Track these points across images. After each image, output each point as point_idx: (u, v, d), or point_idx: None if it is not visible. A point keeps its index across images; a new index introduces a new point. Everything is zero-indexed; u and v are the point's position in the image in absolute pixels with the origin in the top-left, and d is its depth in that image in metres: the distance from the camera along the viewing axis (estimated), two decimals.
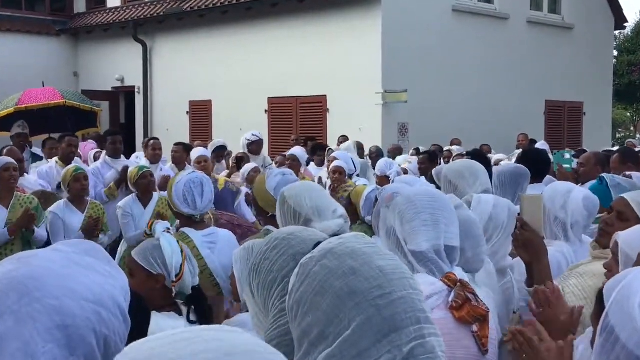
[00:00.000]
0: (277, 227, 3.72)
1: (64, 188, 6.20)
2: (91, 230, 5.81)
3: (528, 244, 2.95)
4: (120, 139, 7.83)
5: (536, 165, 5.12)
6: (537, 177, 5.03)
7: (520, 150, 12.18)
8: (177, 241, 2.86)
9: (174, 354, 0.85)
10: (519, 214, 3.14)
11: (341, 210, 3.26)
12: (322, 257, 1.42)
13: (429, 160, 8.47)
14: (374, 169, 8.51)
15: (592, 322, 1.53)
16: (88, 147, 10.15)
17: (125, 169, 7.10)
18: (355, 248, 1.42)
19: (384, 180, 7.40)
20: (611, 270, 2.37)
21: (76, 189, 6.02)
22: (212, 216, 4.27)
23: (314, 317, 1.37)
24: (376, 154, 10.12)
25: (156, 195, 6.23)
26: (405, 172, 8.05)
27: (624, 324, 1.31)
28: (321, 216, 3.11)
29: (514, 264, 3.38)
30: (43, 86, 12.48)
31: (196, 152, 7.87)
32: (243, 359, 0.85)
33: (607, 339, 1.34)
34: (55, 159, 7.96)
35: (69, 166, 6.30)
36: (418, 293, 1.40)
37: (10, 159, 5.86)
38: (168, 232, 2.89)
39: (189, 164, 9.20)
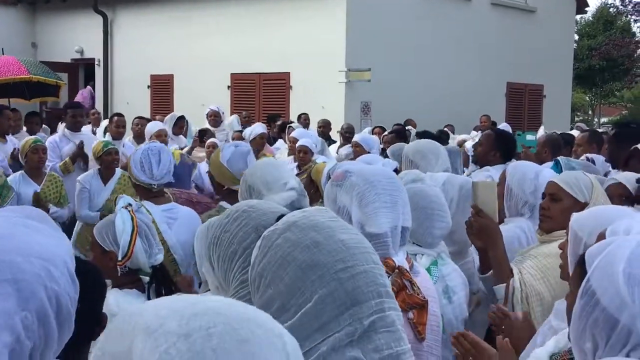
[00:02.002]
0: (231, 202, 3.69)
1: (21, 159, 6.08)
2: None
3: (483, 230, 3.00)
4: (82, 112, 7.70)
5: (506, 147, 5.15)
6: (504, 159, 5.05)
7: (479, 132, 12.29)
8: (132, 219, 2.79)
9: (183, 300, 0.92)
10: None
11: (293, 182, 3.26)
12: (285, 229, 1.42)
13: (398, 139, 8.32)
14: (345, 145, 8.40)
15: (571, 285, 1.59)
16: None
17: (81, 144, 6.99)
18: (319, 221, 1.43)
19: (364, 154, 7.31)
20: (563, 249, 2.43)
21: (34, 160, 5.92)
22: (170, 196, 4.22)
23: (276, 289, 1.38)
24: (348, 132, 10.07)
25: (119, 172, 6.09)
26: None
27: (606, 288, 1.36)
28: (270, 189, 3.13)
29: None
30: (3, 54, 12.14)
31: (154, 126, 7.72)
32: (244, 306, 0.93)
33: (588, 302, 1.38)
34: None
35: (29, 137, 6.18)
36: (379, 267, 1.42)
37: None
38: (128, 207, 2.83)
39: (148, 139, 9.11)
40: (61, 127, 8.03)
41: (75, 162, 6.97)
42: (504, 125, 11.97)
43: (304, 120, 12.21)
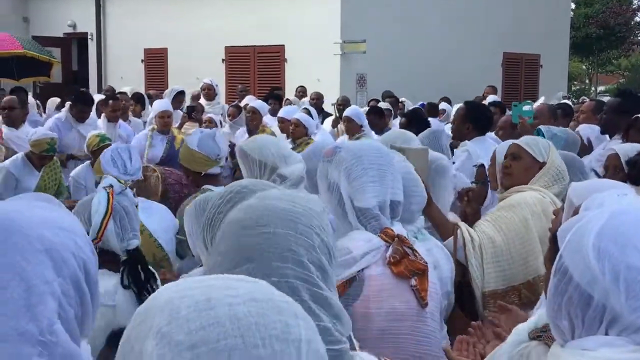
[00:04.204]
0: (214, 184, 3.87)
1: (29, 145, 5.89)
2: None
3: None
4: (90, 109, 7.47)
5: (478, 120, 5.24)
6: (479, 131, 5.17)
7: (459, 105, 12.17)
8: (109, 201, 2.75)
9: (203, 295, 0.92)
10: None
11: (299, 156, 3.40)
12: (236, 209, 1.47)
13: (372, 115, 8.19)
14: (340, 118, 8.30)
15: (545, 265, 1.59)
16: None
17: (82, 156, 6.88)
18: (269, 193, 1.48)
19: (356, 128, 7.27)
20: (556, 215, 2.51)
21: (37, 158, 5.80)
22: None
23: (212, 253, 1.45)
24: (343, 104, 9.98)
25: None
26: None
27: (577, 264, 1.35)
28: (287, 163, 3.24)
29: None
30: None
31: (160, 106, 7.10)
32: (263, 305, 0.92)
33: (561, 279, 1.38)
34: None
35: (45, 137, 5.81)
36: (304, 240, 1.37)
37: None
38: (108, 189, 2.79)
39: (133, 115, 8.98)
40: (63, 109, 7.72)
41: (69, 160, 6.81)
42: (491, 98, 11.88)
43: (300, 92, 12.13)
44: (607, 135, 5.69)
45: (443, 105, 11.34)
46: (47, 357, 1.12)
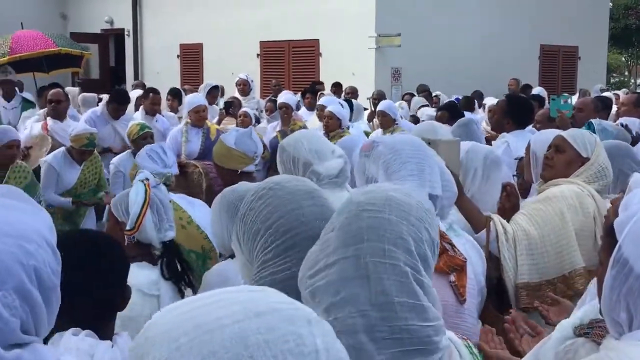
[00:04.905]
0: (250, 182, 3.88)
1: (70, 140, 5.98)
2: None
3: None
4: (126, 108, 7.57)
5: (519, 113, 5.20)
6: (519, 125, 5.13)
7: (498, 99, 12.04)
8: (146, 192, 2.78)
9: (203, 318, 0.85)
10: None
11: (339, 150, 3.29)
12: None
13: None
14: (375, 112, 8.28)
15: (600, 255, 1.57)
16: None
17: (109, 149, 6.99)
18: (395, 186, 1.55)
19: (390, 122, 7.28)
20: (613, 203, 2.51)
21: (77, 153, 5.91)
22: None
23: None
24: (378, 98, 9.96)
25: None
26: None
27: (639, 255, 1.35)
28: (321, 157, 3.14)
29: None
30: (22, 28, 12.06)
31: (194, 100, 6.98)
32: (271, 318, 0.86)
33: (620, 270, 1.37)
34: (43, 112, 7.55)
35: (84, 132, 5.88)
36: (414, 231, 1.43)
37: (15, 136, 5.55)
38: (144, 181, 2.82)
39: (170, 110, 9.02)
40: (100, 103, 7.81)
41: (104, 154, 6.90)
42: (538, 90, 11.73)
43: (334, 91, 12.06)
44: None
45: None
46: None
